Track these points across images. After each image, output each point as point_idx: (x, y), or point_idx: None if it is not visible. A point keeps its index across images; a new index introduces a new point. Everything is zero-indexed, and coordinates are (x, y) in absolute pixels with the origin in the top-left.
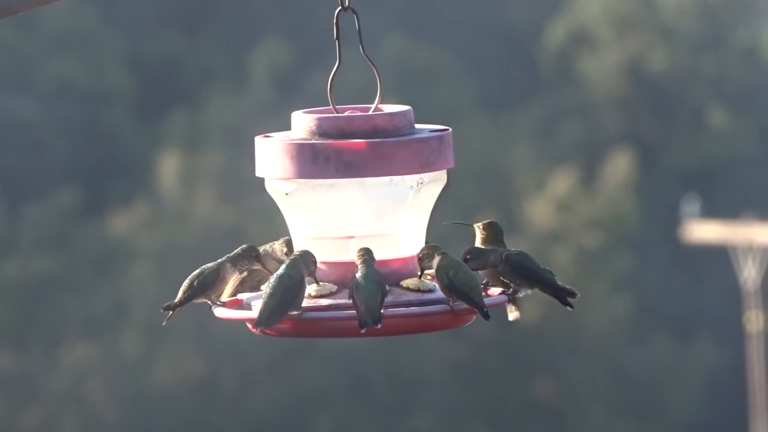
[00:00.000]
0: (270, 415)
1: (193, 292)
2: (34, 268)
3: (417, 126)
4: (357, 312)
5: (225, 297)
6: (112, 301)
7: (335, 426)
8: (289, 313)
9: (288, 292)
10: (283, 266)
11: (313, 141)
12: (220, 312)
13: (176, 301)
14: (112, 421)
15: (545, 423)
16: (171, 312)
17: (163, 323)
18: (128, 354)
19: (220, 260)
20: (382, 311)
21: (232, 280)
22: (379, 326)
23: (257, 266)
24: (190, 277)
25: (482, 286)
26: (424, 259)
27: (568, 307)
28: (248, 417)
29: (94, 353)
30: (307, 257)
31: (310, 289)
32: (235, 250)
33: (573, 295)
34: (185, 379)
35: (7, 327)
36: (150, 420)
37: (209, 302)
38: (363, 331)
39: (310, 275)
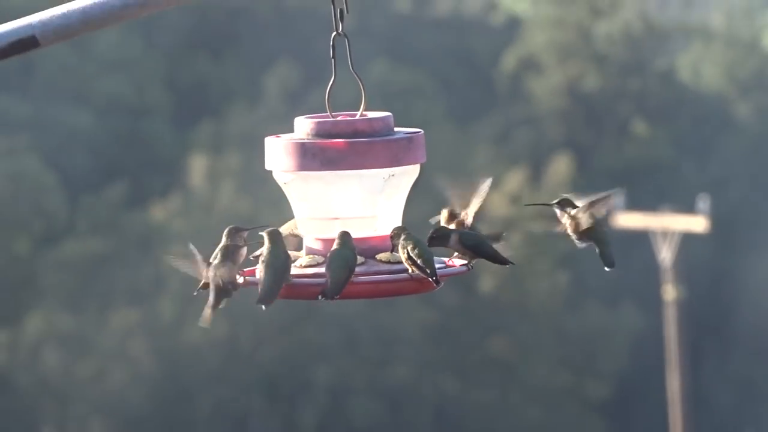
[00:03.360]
0: (279, 368)
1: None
2: (89, 248)
3: (397, 129)
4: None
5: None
6: (152, 275)
7: (332, 376)
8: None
9: (278, 272)
10: (267, 250)
11: (304, 141)
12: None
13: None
14: (151, 372)
15: (500, 374)
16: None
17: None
18: (165, 317)
19: (220, 259)
20: (347, 284)
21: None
22: (334, 300)
23: (242, 238)
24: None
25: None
26: (394, 237)
27: (509, 264)
28: (261, 369)
29: (137, 316)
30: (277, 234)
31: (302, 260)
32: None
33: (509, 263)
34: (211, 338)
35: (67, 294)
36: (182, 371)
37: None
38: (320, 298)
39: (286, 243)
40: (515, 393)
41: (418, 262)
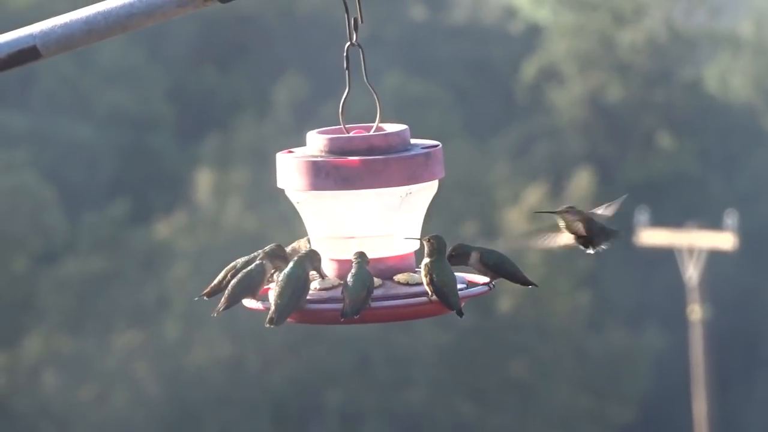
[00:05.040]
0: (288, 391)
1: (241, 293)
2: (90, 266)
3: (414, 142)
4: (342, 305)
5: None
6: (156, 294)
7: (343, 400)
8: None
9: (296, 292)
10: (291, 266)
11: (317, 159)
12: (249, 303)
13: (224, 303)
14: (155, 396)
15: (519, 397)
16: (221, 308)
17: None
18: (169, 339)
19: (257, 261)
20: (367, 305)
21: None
22: (356, 317)
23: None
24: (237, 278)
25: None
26: (427, 249)
27: (530, 286)
28: (269, 392)
29: (141, 338)
30: (312, 255)
31: (316, 283)
32: (266, 249)
33: (532, 284)
34: (216, 360)
35: (68, 315)
36: (187, 394)
37: (253, 300)
38: (342, 319)
39: (315, 270)
40: (535, 417)
41: (443, 290)
